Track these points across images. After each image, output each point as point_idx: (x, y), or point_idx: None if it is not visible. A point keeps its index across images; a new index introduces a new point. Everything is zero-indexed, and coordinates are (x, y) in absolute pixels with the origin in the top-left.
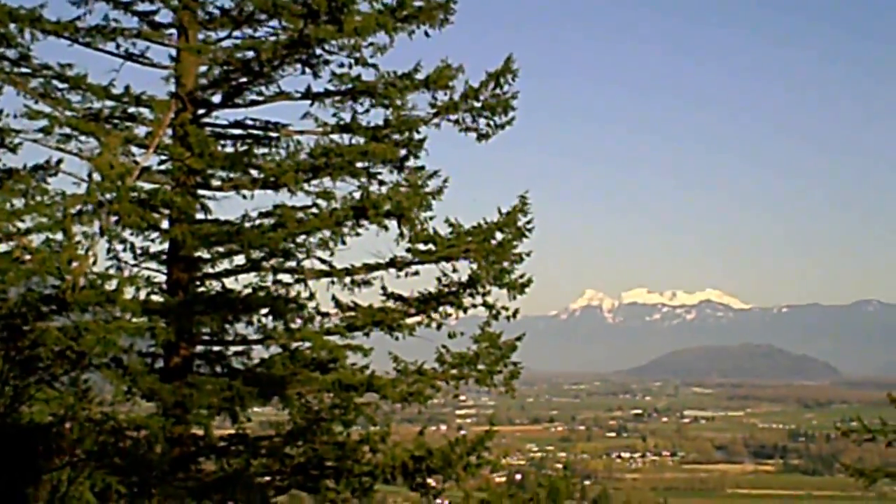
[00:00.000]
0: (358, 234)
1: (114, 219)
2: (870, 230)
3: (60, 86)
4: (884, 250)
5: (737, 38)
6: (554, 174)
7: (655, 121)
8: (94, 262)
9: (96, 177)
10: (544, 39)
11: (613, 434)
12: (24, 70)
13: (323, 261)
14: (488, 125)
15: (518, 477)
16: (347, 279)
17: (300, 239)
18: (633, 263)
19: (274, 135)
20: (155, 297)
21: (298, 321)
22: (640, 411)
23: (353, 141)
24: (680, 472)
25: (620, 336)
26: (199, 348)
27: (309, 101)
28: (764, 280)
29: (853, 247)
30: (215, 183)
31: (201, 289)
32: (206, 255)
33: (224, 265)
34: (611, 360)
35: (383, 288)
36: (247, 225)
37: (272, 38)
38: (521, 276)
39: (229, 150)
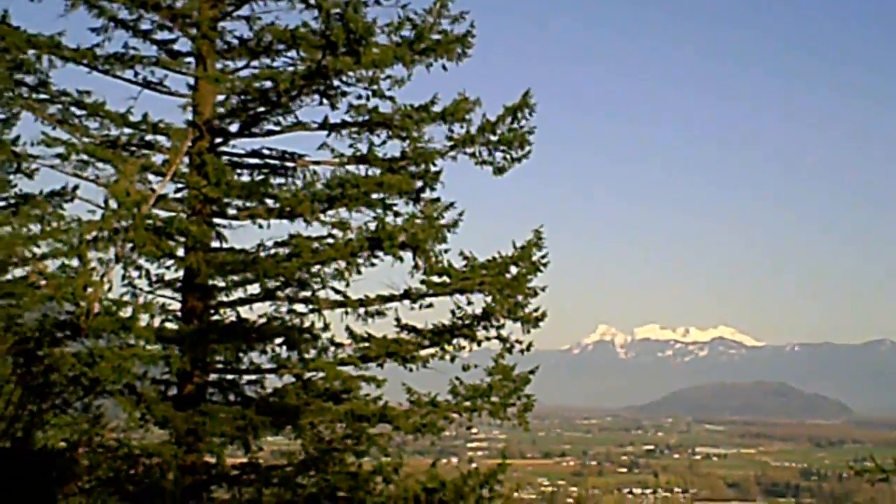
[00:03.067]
0: (373, 265)
1: (129, 246)
2: (884, 270)
3: (78, 112)
4: None
5: (749, 75)
6: (569, 208)
7: (670, 157)
8: (110, 289)
9: (112, 204)
10: (562, 73)
11: (625, 469)
12: (42, 96)
13: (337, 291)
14: (505, 159)
15: None
16: (362, 310)
17: (315, 269)
18: (647, 299)
19: (290, 165)
20: (169, 325)
21: (312, 351)
22: (652, 447)
23: (370, 172)
24: None
25: (633, 371)
26: (213, 376)
27: (326, 132)
28: (777, 318)
29: (866, 286)
30: (231, 212)
31: (216, 317)
32: (221, 284)
33: (239, 294)
34: (623, 396)
35: (397, 319)
36: (262, 254)
37: (290, 69)
38: (536, 310)
39: (246, 179)
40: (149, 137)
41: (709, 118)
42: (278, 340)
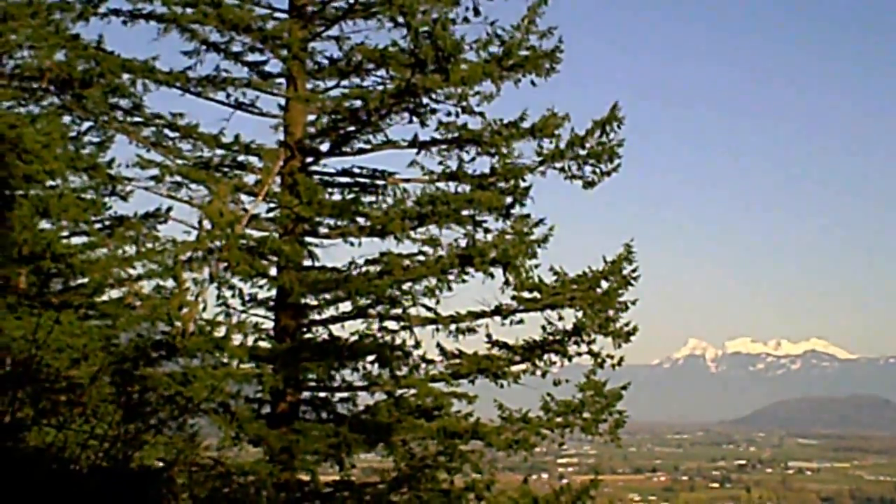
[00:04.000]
0: (464, 282)
1: (223, 266)
2: None
3: (172, 135)
4: None
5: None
6: (659, 222)
7: (761, 164)
8: (204, 309)
9: (206, 224)
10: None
11: (717, 484)
12: (136, 119)
13: (428, 308)
14: (594, 172)
15: None
16: (453, 326)
17: (406, 286)
18: (737, 312)
19: (381, 183)
20: (262, 344)
21: (404, 368)
22: (743, 462)
23: (460, 189)
24: None
25: (724, 385)
26: (306, 394)
27: (416, 150)
28: (871, 329)
29: None
30: (323, 230)
31: (308, 335)
32: (314, 302)
33: (331, 312)
34: (714, 410)
35: (488, 335)
36: (353, 272)
37: (379, 88)
38: (626, 325)
39: (337, 197)
40: (241, 158)
41: (812, 121)
42: (370, 358)
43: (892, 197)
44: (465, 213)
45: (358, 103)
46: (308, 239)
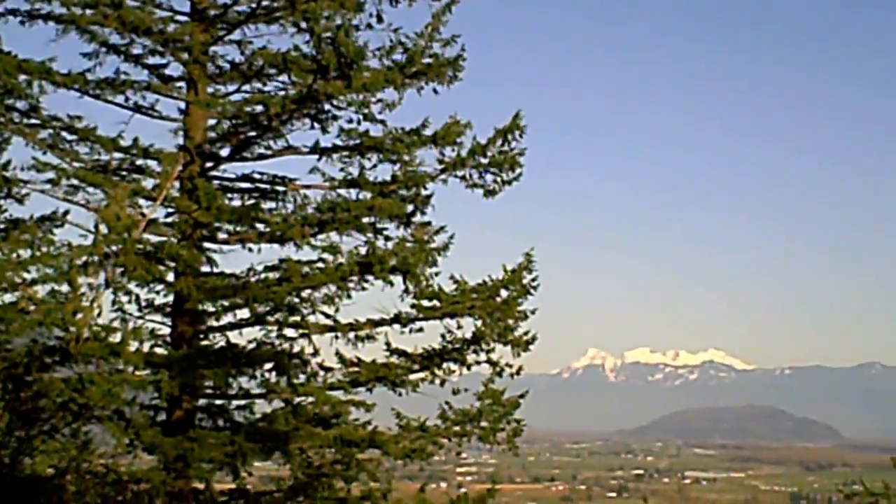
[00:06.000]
0: (363, 289)
1: (119, 271)
2: (874, 293)
3: (69, 137)
4: (887, 313)
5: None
6: (559, 231)
7: (658, 178)
8: (99, 314)
9: (103, 228)
10: (551, 95)
11: (614, 494)
12: (33, 121)
13: (327, 315)
14: (495, 181)
15: None
16: (352, 334)
17: (305, 293)
18: (636, 323)
19: (281, 189)
20: (159, 350)
21: (302, 376)
22: (641, 471)
23: (360, 196)
24: None
25: (623, 395)
26: (202, 402)
27: (317, 156)
28: (768, 341)
29: (857, 309)
30: (222, 236)
31: (205, 342)
32: (211, 309)
33: (228, 319)
34: (613, 420)
35: (387, 343)
36: (252, 279)
37: (281, 93)
38: (526, 334)
39: (236, 203)
40: (139, 162)
41: (694, 138)
42: (268, 365)
43: (789, 207)
44: (365, 220)
45: (259, 108)
46: (206, 244)
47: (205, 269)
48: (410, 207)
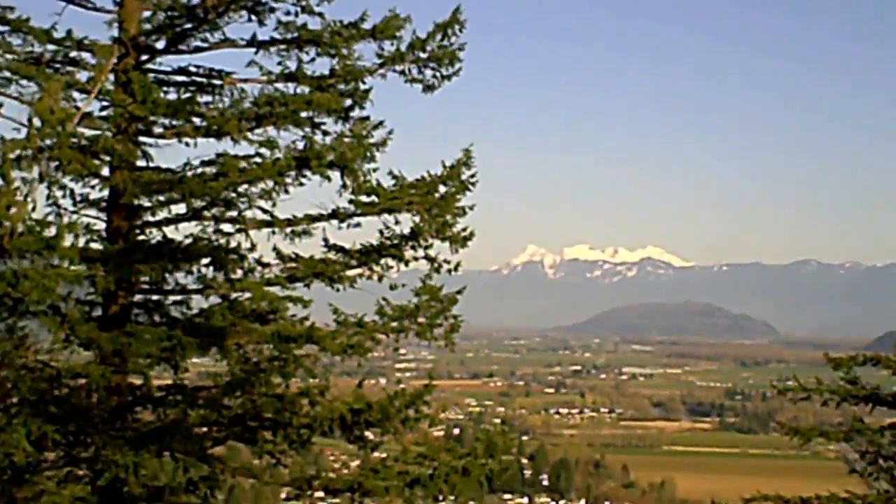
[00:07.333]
0: (301, 185)
1: (54, 165)
2: (810, 191)
3: (1, 29)
4: (823, 211)
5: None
6: (498, 128)
7: (602, 74)
8: (34, 209)
9: (36, 122)
10: None
11: (552, 390)
12: None
13: (265, 211)
14: (434, 76)
15: (456, 431)
16: (289, 230)
17: (242, 188)
18: (576, 219)
19: (218, 82)
20: (94, 245)
21: (239, 271)
22: (579, 368)
23: (298, 90)
24: (617, 429)
25: (561, 292)
26: (139, 297)
27: (254, 49)
28: (705, 238)
29: (794, 207)
30: (157, 130)
31: (141, 237)
32: (147, 204)
33: (165, 213)
34: (551, 316)
35: (325, 239)
36: (188, 173)
37: None
38: (464, 230)
39: (172, 97)
40: (73, 54)
41: (640, 34)
42: (204, 261)
43: (732, 100)
44: (303, 114)
45: (195, 0)
46: (142, 139)
47: (140, 163)
48: (349, 102)
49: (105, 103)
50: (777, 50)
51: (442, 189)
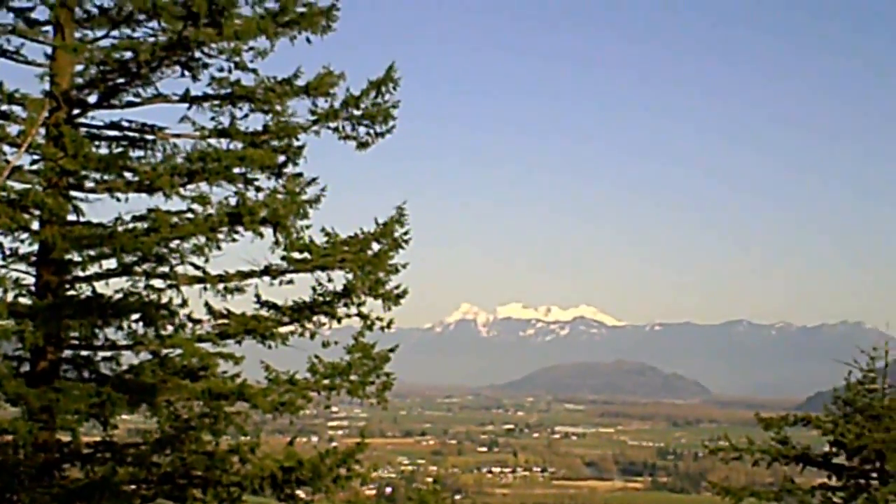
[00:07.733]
0: (233, 241)
1: None
2: (740, 252)
3: None
4: (754, 272)
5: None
6: (432, 186)
7: (531, 129)
8: None
9: None
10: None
11: (485, 449)
12: None
13: (197, 266)
14: (368, 134)
15: (388, 490)
16: (221, 286)
17: (174, 244)
18: (509, 278)
19: (150, 137)
20: (23, 300)
21: (169, 327)
22: (511, 426)
23: (231, 146)
24: (550, 488)
25: (494, 350)
26: (68, 353)
27: (187, 105)
28: (638, 298)
29: (726, 266)
30: (88, 185)
31: (71, 292)
32: (77, 258)
33: (95, 269)
34: (484, 375)
35: (257, 296)
36: (120, 228)
37: (151, 40)
38: (397, 287)
39: (104, 151)
40: (4, 107)
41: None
42: (135, 316)
43: (660, 168)
44: (236, 170)
45: (128, 55)
46: (73, 193)
47: (71, 217)
48: (282, 158)
49: (36, 157)
50: (715, 94)
51: (375, 247)
